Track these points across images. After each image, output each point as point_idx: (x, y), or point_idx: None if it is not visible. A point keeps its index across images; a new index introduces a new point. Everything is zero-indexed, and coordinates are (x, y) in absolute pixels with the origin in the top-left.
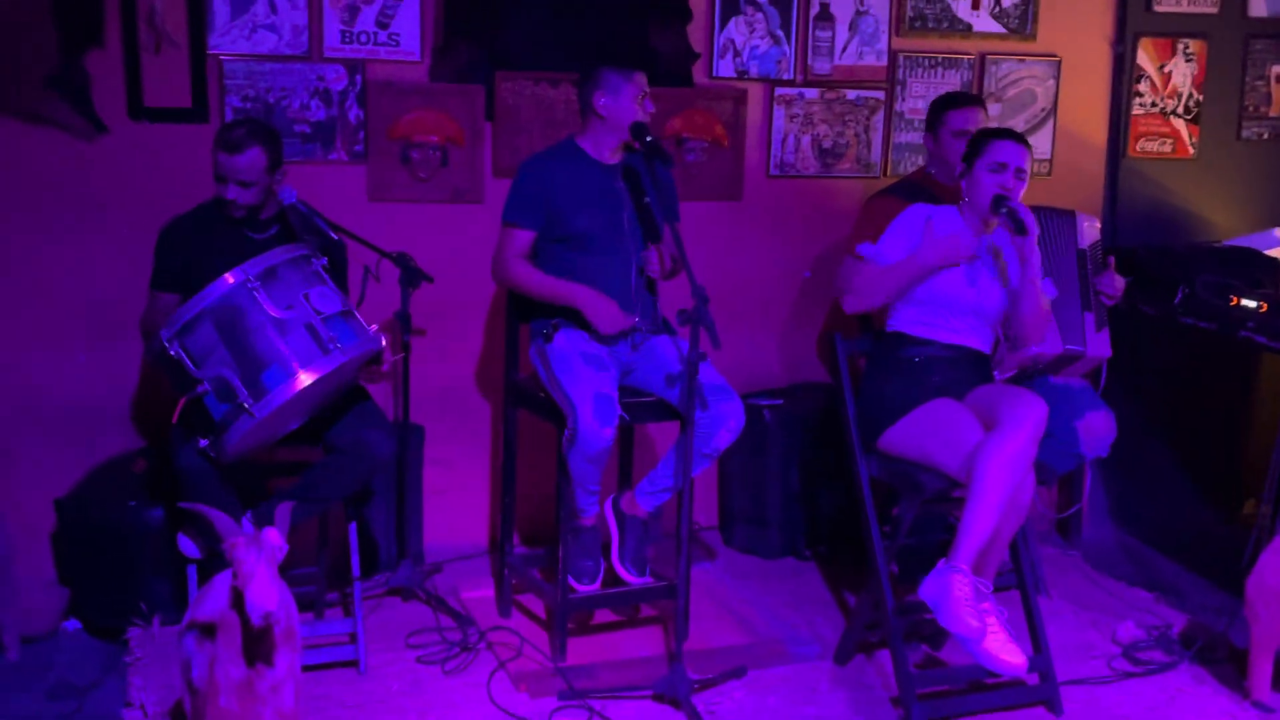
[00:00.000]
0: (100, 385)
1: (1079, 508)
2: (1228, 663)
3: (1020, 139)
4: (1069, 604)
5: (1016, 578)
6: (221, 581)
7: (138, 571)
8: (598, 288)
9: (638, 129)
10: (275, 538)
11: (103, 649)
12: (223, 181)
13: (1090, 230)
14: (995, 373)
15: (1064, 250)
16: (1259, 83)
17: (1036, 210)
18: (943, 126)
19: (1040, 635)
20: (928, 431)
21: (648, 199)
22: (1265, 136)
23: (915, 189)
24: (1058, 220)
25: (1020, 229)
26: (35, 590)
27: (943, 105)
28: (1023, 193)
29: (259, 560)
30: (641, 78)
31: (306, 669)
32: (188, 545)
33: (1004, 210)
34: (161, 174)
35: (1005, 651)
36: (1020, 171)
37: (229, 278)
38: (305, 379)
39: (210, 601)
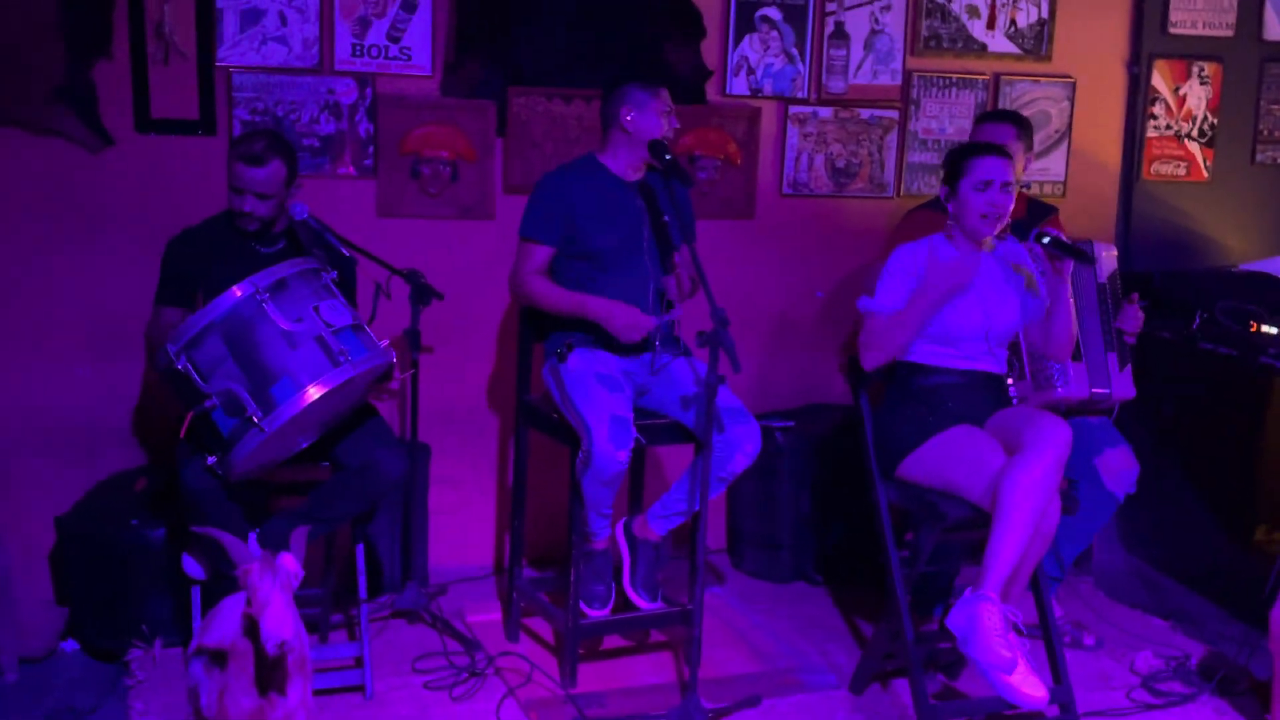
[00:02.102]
0: (102, 401)
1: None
2: (1249, 695)
3: (1000, 150)
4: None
5: (1037, 606)
6: (231, 606)
7: (139, 591)
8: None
9: (656, 147)
10: (291, 564)
11: (102, 671)
12: (240, 193)
13: (1109, 260)
14: None
15: (1083, 285)
16: (1274, 106)
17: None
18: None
19: (1061, 666)
20: (949, 458)
21: (666, 218)
22: (1279, 161)
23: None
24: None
25: (1063, 258)
26: (33, 610)
27: (976, 120)
28: (1012, 205)
29: (274, 587)
30: (666, 94)
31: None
32: (192, 566)
33: (1046, 241)
34: (168, 187)
35: (1027, 684)
36: (1006, 185)
37: (237, 290)
38: (314, 392)
39: (219, 627)
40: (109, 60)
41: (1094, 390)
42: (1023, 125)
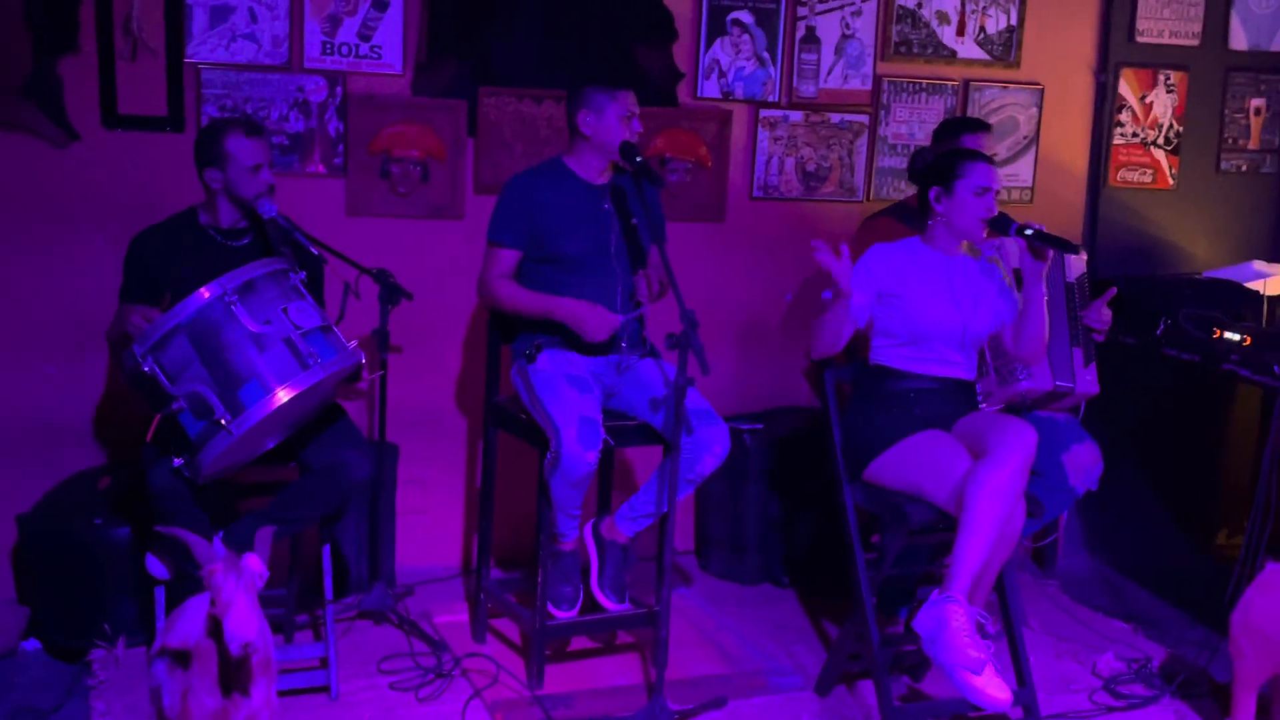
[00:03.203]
0: (66, 399)
1: (1055, 537)
2: (1209, 698)
3: (990, 159)
4: (1047, 634)
5: (1001, 609)
6: (195, 606)
7: (102, 591)
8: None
9: (627, 149)
10: (256, 564)
11: (64, 671)
12: (255, 169)
13: (1078, 263)
14: (983, 407)
15: (1050, 282)
16: (1238, 115)
17: None
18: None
19: (1025, 668)
20: (915, 462)
21: (635, 220)
22: (1243, 169)
23: (911, 211)
24: None
25: (1045, 250)
26: None
27: (954, 130)
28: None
29: (238, 588)
30: (628, 96)
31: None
32: (156, 566)
33: (1029, 233)
34: (135, 183)
35: (992, 686)
36: (996, 192)
37: (204, 292)
38: (283, 395)
39: (183, 627)
40: (76, 55)
41: (1057, 383)
42: (991, 131)
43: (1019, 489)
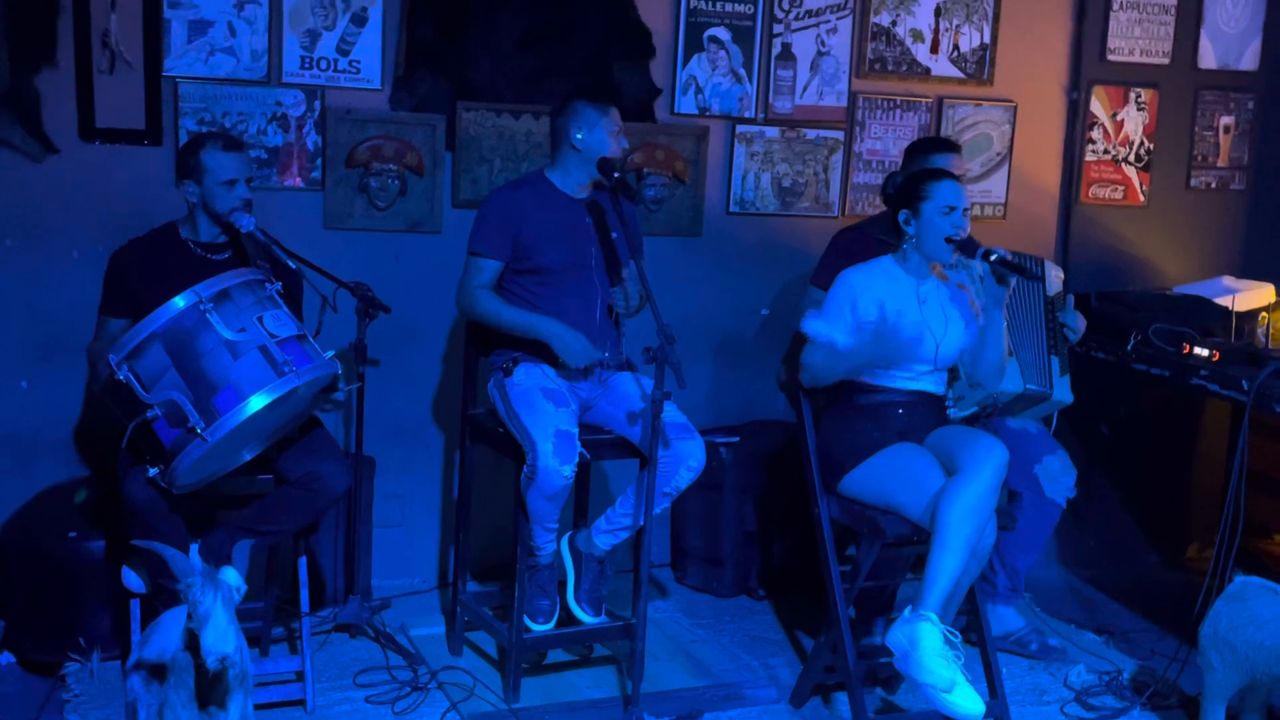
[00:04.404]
0: (42, 412)
1: None
2: (1179, 709)
3: (957, 177)
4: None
5: (974, 622)
6: (171, 620)
7: (77, 604)
8: (563, 322)
9: (605, 165)
10: (233, 577)
11: (38, 685)
12: (231, 184)
13: (1056, 280)
14: (952, 409)
15: (1033, 296)
16: (1208, 133)
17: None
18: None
19: (997, 681)
20: (889, 476)
21: (614, 235)
22: (1213, 186)
23: (882, 225)
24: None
25: (1008, 276)
26: None
27: (925, 151)
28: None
29: (216, 601)
30: (615, 113)
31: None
32: (132, 579)
33: (993, 258)
34: (112, 197)
35: (964, 699)
36: (966, 210)
37: (180, 300)
38: (258, 402)
39: (159, 640)
40: (54, 68)
41: (1029, 386)
42: (960, 151)
43: (992, 506)
